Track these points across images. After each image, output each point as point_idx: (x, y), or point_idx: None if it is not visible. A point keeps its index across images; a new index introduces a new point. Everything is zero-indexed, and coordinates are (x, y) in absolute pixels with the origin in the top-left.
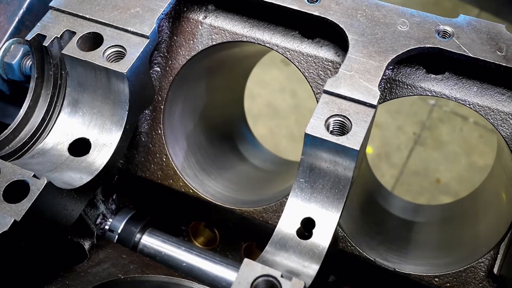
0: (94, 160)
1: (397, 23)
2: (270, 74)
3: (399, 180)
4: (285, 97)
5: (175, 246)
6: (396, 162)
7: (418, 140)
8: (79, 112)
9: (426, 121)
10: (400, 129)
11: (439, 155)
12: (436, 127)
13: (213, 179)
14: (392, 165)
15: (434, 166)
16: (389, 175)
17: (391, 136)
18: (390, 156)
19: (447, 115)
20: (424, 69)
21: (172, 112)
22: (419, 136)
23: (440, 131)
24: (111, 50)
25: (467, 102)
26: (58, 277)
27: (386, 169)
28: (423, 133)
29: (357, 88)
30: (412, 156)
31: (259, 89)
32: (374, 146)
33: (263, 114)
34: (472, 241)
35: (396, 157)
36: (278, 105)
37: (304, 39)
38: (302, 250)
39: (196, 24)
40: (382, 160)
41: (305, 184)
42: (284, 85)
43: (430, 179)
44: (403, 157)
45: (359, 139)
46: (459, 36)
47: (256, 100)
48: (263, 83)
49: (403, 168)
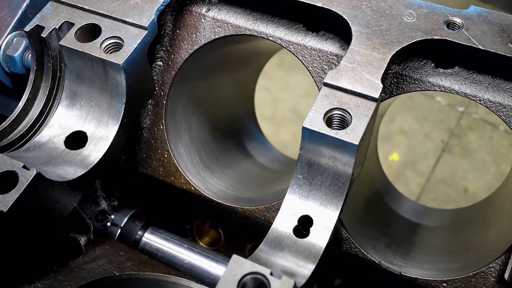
0: (90, 153)
1: (404, 14)
2: (295, 79)
3: (425, 189)
4: (310, 102)
5: (177, 244)
6: (423, 170)
7: (446, 148)
8: (76, 105)
9: (454, 128)
10: (428, 137)
11: (467, 164)
12: (464, 134)
13: (216, 177)
14: (419, 173)
15: (462, 174)
16: (415, 183)
17: (418, 143)
18: (417, 163)
19: (476, 122)
20: (433, 63)
21: (174, 108)
22: (447, 144)
23: (468, 138)
24: (109, 42)
25: (477, 97)
26: (51, 272)
27: (412, 177)
28: (451, 140)
29: (359, 80)
30: (440, 164)
31: (283, 94)
32: (401, 153)
33: (287, 119)
34: (482, 246)
35: (423, 165)
36: (302, 111)
37: (309, 32)
38: (298, 249)
39: (199, 17)
40: (408, 168)
41: (303, 180)
42: (309, 90)
43: (457, 188)
44: (430, 165)
45: (359, 134)
46: (468, 27)
47: (280, 105)
48: (287, 88)
49: (430, 176)
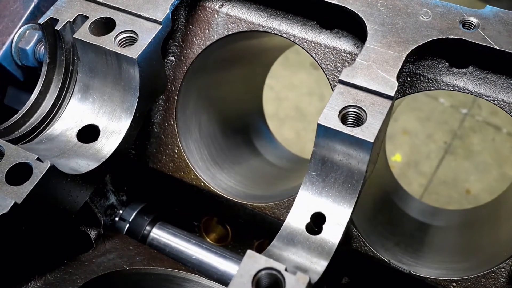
0: (102, 147)
1: (419, 13)
2: (298, 77)
3: (428, 189)
4: (313, 100)
5: (185, 239)
6: (425, 170)
7: (449, 149)
8: (89, 98)
9: (457, 130)
10: (430, 137)
11: (469, 165)
12: (467, 136)
13: (225, 173)
14: (421, 173)
15: (464, 176)
16: (417, 183)
17: (420, 144)
18: (419, 164)
19: (479, 124)
20: (447, 62)
21: (185, 103)
22: (449, 145)
23: (471, 140)
24: (123, 35)
25: (491, 97)
26: (61, 265)
27: (414, 178)
28: (454, 142)
29: (374, 78)
30: (442, 165)
31: (287, 92)
32: (404, 154)
33: (290, 117)
34: (492, 246)
35: (426, 165)
36: (305, 109)
37: (322, 29)
38: (310, 246)
39: (212, 12)
40: (411, 168)
41: (317, 177)
42: (313, 88)
43: (459, 190)
44: (432, 166)
45: (374, 131)
46: (484, 27)
47: (284, 103)
48: (291, 86)
49: (432, 177)
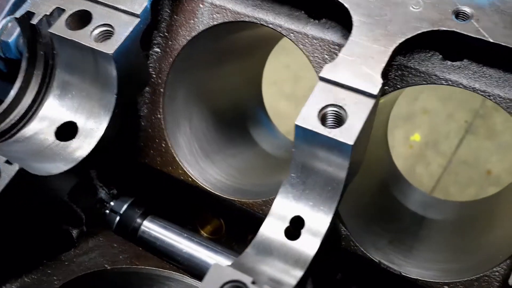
0: (79, 146)
1: (410, 3)
2: None
3: (447, 170)
4: None
5: (176, 233)
6: (445, 150)
7: (470, 129)
8: (68, 94)
9: (479, 109)
10: (451, 117)
11: (491, 145)
12: (490, 115)
13: (216, 166)
14: (440, 153)
15: (485, 156)
16: (436, 163)
17: (440, 123)
18: (439, 144)
19: None
20: (441, 55)
21: (174, 96)
22: (470, 125)
23: (494, 120)
24: (99, 30)
25: (486, 93)
26: (40, 265)
27: (433, 158)
28: (476, 121)
29: (358, 75)
30: (463, 145)
31: (304, 72)
32: (423, 133)
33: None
34: (488, 247)
35: (445, 145)
36: None
37: (310, 19)
38: (287, 253)
39: (197, 2)
40: (430, 148)
41: (297, 179)
42: None
43: (480, 170)
44: (452, 145)
45: (354, 133)
46: (479, 18)
47: (300, 82)
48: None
49: (452, 157)
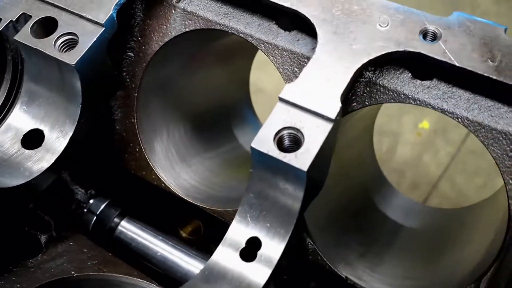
0: (44, 155)
1: (377, 20)
2: None
3: (455, 158)
4: None
5: (152, 235)
6: (454, 138)
7: None
8: (35, 101)
9: None
10: None
11: None
12: None
13: (192, 171)
14: (449, 142)
15: None
16: (444, 152)
17: None
18: (448, 132)
19: None
20: (410, 73)
21: (148, 100)
22: None
23: None
24: (64, 38)
25: (455, 115)
26: (5, 272)
27: (441, 146)
28: None
29: (317, 97)
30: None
31: None
32: (431, 121)
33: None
34: (457, 265)
35: (454, 133)
36: None
37: (281, 30)
38: (240, 276)
39: (170, 7)
40: (438, 136)
41: (255, 200)
42: None
43: (489, 160)
44: (462, 133)
45: (309, 158)
46: (446, 39)
47: None
48: None
49: (461, 145)
